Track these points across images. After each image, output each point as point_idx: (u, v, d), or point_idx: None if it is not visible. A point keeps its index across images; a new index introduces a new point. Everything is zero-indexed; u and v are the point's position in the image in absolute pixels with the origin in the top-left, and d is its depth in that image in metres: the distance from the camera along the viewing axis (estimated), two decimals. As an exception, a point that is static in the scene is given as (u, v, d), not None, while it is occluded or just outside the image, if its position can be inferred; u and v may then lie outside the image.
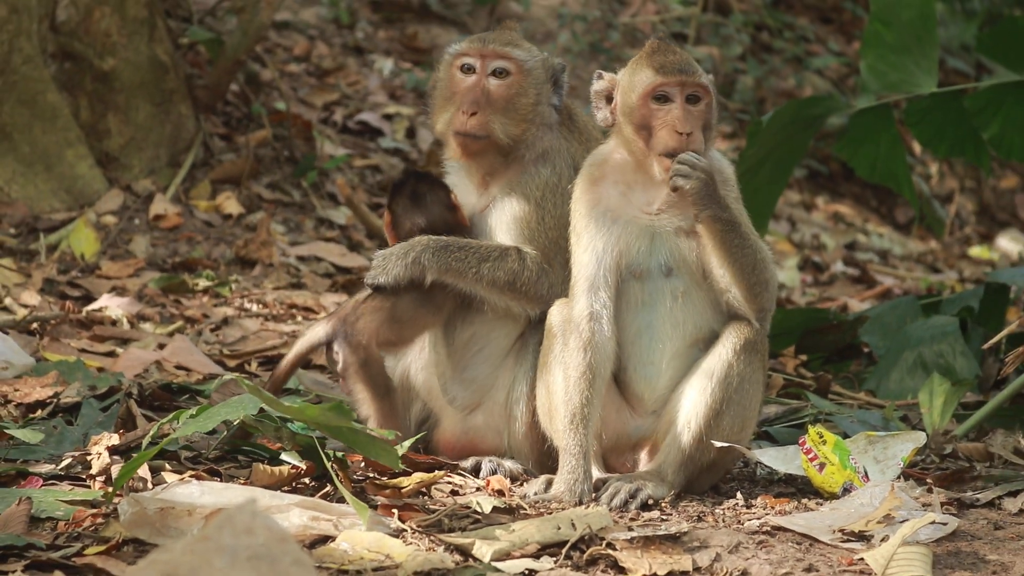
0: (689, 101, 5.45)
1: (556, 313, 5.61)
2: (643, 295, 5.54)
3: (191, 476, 5.24)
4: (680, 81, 5.43)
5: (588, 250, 5.53)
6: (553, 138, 5.93)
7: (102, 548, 4.61)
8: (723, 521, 5.22)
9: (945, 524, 5.08)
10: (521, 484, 5.63)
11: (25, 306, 7.74)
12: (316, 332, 5.89)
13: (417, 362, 5.98)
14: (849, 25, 15.02)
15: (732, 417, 5.49)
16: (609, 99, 5.58)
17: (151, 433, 5.20)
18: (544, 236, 5.82)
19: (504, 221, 5.87)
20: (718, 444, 5.44)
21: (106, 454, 5.30)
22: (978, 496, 5.51)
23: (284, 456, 5.44)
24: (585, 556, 4.75)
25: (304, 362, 6.13)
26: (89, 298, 8.13)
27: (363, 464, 5.45)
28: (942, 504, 5.36)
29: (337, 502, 4.99)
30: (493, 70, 5.90)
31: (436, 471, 5.49)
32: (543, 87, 5.94)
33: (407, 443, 5.50)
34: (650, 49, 5.55)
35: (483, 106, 5.86)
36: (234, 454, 5.66)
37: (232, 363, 7.24)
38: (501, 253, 5.79)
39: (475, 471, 5.70)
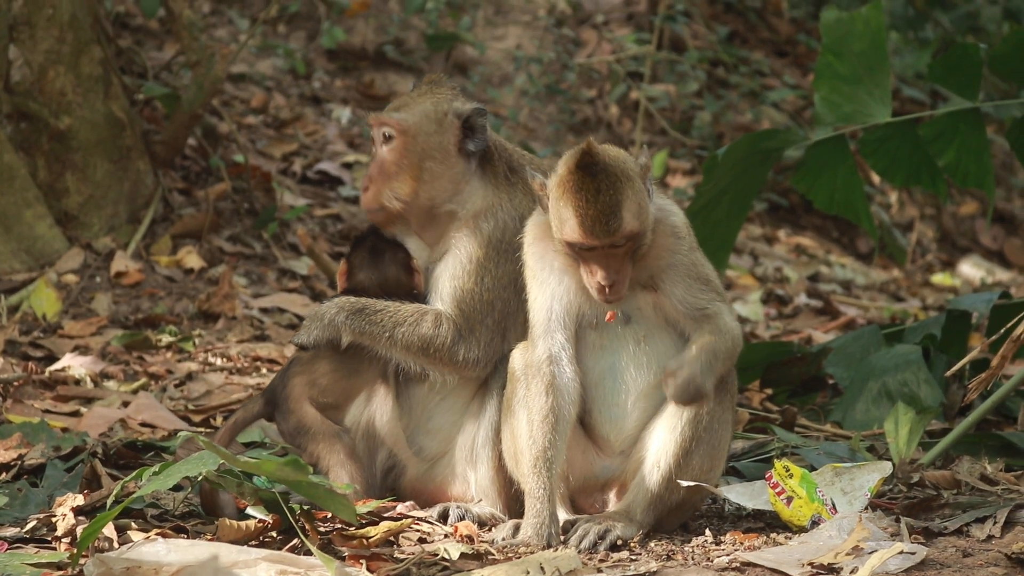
0: (613, 246, 5.30)
1: (518, 357, 5.60)
2: (603, 341, 5.53)
3: (156, 534, 5.21)
4: (600, 243, 5.27)
5: (542, 294, 5.52)
6: (487, 191, 5.89)
7: (68, 611, 4.60)
8: (692, 559, 5.21)
9: (914, 553, 5.09)
10: (489, 529, 5.62)
11: (-13, 369, 7.71)
12: (251, 409, 5.97)
13: (382, 411, 5.93)
14: (804, 58, 15.10)
15: (702, 456, 5.49)
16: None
17: (115, 492, 5.17)
18: (476, 298, 5.79)
19: (443, 278, 5.85)
20: (685, 484, 5.43)
21: (71, 515, 5.27)
22: (946, 524, 5.52)
23: (250, 510, 5.42)
24: (555, 600, 4.75)
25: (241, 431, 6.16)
26: (52, 358, 8.09)
27: (330, 515, 5.42)
28: (910, 533, 5.36)
29: (304, 555, 4.97)
30: (382, 136, 5.88)
31: (403, 519, 5.48)
32: (432, 139, 5.84)
33: (373, 504, 5.49)
34: (574, 184, 5.27)
35: (375, 178, 5.87)
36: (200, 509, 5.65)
37: (197, 418, 7.21)
38: (418, 318, 5.77)
39: (443, 518, 5.68)
